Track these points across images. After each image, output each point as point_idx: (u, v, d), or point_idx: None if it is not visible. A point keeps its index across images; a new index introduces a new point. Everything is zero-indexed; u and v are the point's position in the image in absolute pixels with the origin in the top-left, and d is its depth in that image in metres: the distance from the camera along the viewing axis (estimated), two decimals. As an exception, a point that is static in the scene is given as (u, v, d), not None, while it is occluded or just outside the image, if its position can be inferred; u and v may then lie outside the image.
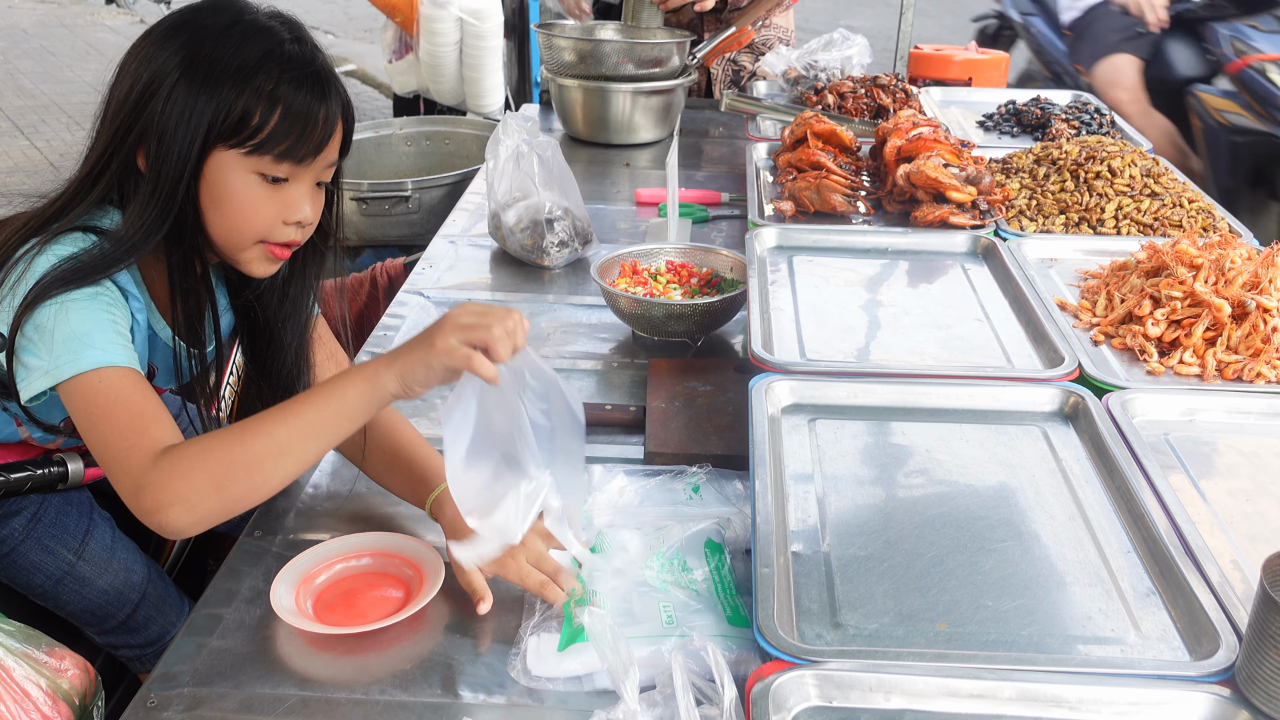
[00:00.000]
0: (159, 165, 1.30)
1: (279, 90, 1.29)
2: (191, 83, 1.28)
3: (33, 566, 1.66)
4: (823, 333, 1.63)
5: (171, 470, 1.20)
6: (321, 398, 1.24)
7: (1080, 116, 2.58)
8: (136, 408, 1.28)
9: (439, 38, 4.28)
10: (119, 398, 1.28)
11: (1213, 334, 1.56)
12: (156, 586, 1.75)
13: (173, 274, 1.38)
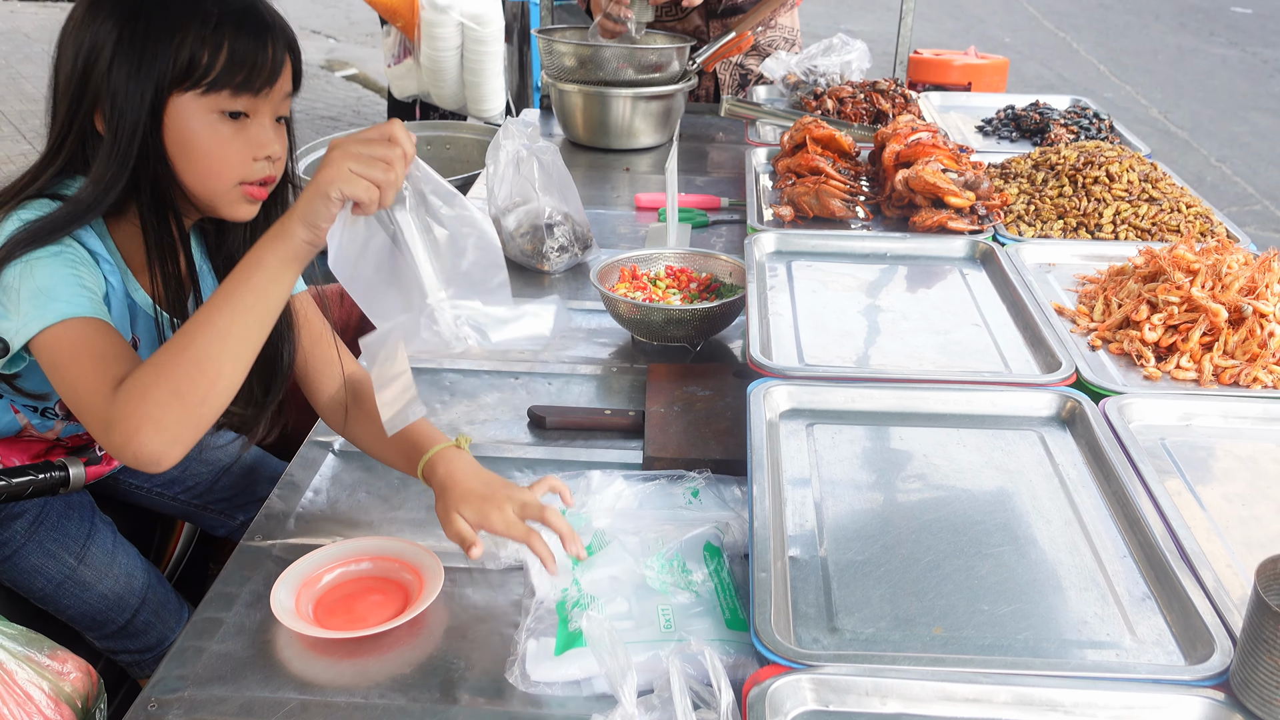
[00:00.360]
0: (115, 122, 1.34)
1: (221, 28, 1.31)
2: (133, 38, 1.32)
3: (34, 570, 1.67)
4: (821, 338, 1.64)
5: (130, 395, 1.21)
6: (242, 272, 1.22)
7: (1079, 121, 2.59)
8: (99, 350, 1.30)
9: (440, 42, 4.29)
10: (83, 343, 1.30)
11: (1209, 339, 1.57)
12: (156, 592, 1.76)
13: (148, 235, 1.41)
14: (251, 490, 2.02)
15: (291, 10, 6.40)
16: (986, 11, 10.31)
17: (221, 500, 2.02)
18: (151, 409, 1.20)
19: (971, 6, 10.50)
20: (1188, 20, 10.04)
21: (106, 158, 1.35)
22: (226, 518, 2.03)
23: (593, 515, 1.36)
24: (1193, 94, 7.96)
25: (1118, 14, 10.23)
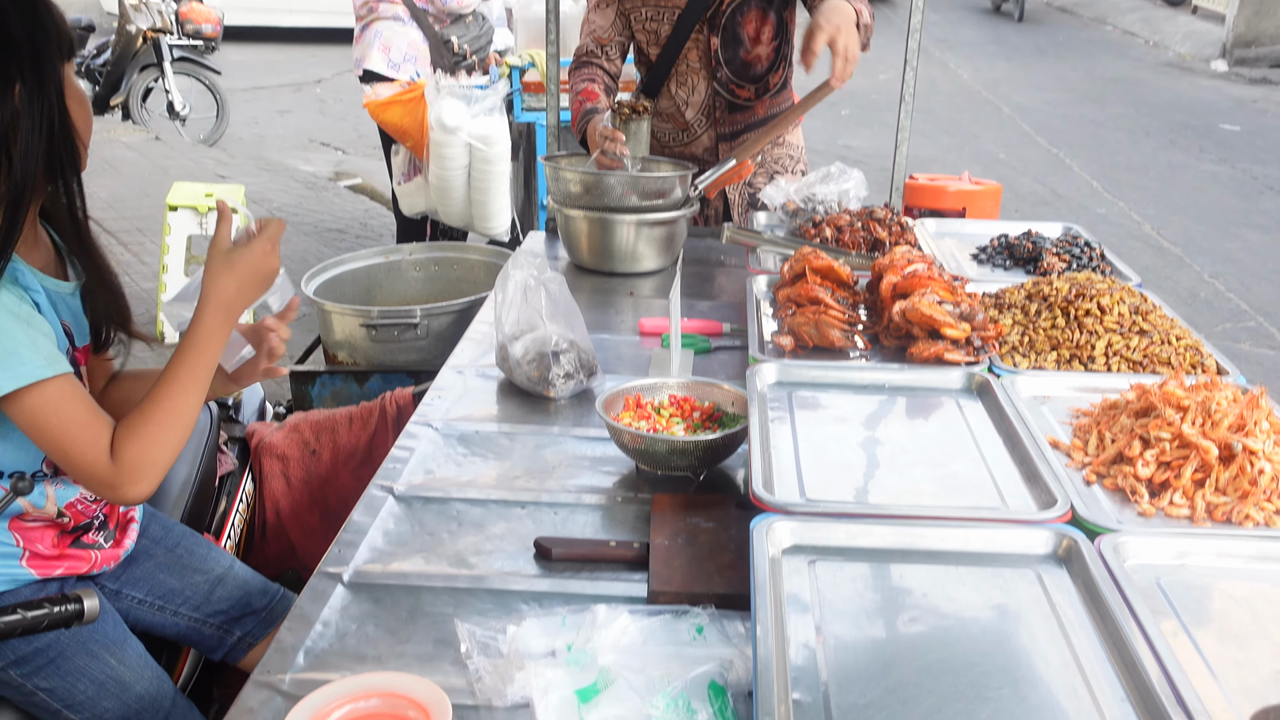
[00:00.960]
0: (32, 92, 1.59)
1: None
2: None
3: (79, 672, 1.75)
4: (822, 471, 1.67)
5: (133, 462, 1.63)
6: (203, 342, 1.72)
7: (1070, 250, 2.65)
8: (84, 419, 1.63)
9: (448, 162, 4.41)
10: (66, 414, 1.61)
11: (1201, 475, 1.60)
12: (180, 700, 1.82)
13: (71, 200, 1.72)
14: (247, 603, 2.07)
15: (300, 123, 6.60)
16: (981, 128, 10.54)
17: (219, 613, 2.06)
18: (148, 469, 1.65)
19: (966, 123, 10.73)
20: (1178, 137, 10.26)
21: (33, 127, 1.60)
22: (224, 633, 2.07)
23: (598, 652, 1.38)
24: (1185, 210, 8.10)
25: (1109, 131, 10.46)
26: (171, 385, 1.70)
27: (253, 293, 1.79)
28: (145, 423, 1.67)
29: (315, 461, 2.53)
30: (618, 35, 3.15)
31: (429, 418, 2.11)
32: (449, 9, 5.04)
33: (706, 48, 3.13)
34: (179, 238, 5.05)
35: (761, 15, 3.11)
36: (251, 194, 6.17)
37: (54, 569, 1.83)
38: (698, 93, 3.18)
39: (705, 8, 3.07)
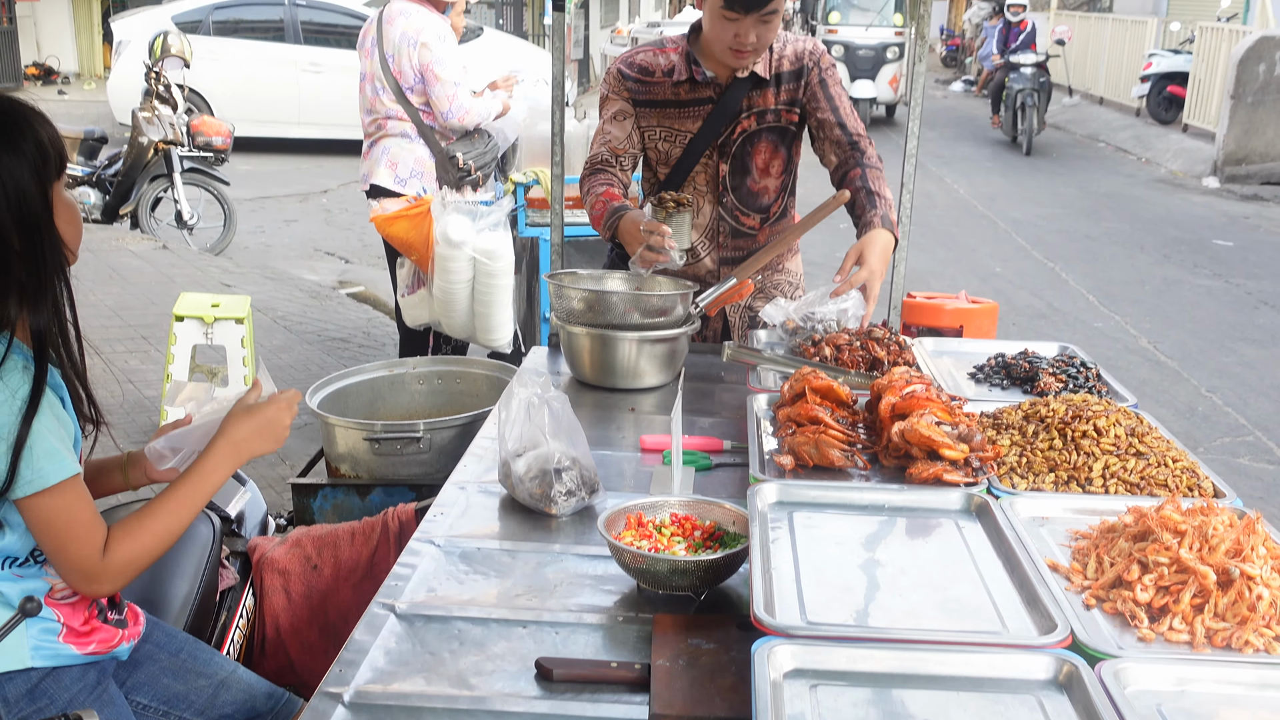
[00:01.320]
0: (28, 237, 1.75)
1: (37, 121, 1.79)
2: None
3: None
4: (823, 593, 1.69)
5: (120, 566, 1.81)
6: (209, 476, 1.93)
7: (1067, 370, 2.69)
8: (87, 518, 1.79)
9: (453, 275, 4.47)
10: (75, 511, 1.77)
11: (1200, 600, 1.61)
12: None
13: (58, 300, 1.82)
14: (252, 707, 2.10)
15: (305, 232, 6.69)
16: (978, 242, 10.69)
17: (224, 717, 2.07)
18: (130, 571, 1.83)
19: (963, 237, 10.88)
20: (1172, 252, 10.40)
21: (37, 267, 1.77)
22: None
23: (600, 777, 1.38)
24: (1180, 324, 8.19)
25: (1104, 245, 10.61)
26: (171, 503, 1.89)
27: (262, 442, 1.99)
28: (141, 531, 1.84)
29: (316, 577, 2.53)
30: (632, 148, 3.21)
31: (431, 534, 2.12)
32: (451, 126, 5.15)
33: (715, 173, 3.21)
34: (184, 347, 5.10)
35: (772, 148, 3.20)
36: (256, 303, 6.24)
37: (88, 644, 1.90)
38: (703, 215, 3.26)
39: (717, 134, 3.16)
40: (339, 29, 14.01)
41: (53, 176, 1.81)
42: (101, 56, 19.96)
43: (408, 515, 2.57)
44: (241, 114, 12.40)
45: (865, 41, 19.44)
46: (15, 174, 1.74)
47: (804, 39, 3.25)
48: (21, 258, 1.75)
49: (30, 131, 1.77)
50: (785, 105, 3.19)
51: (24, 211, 1.74)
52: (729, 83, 3.13)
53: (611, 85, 3.22)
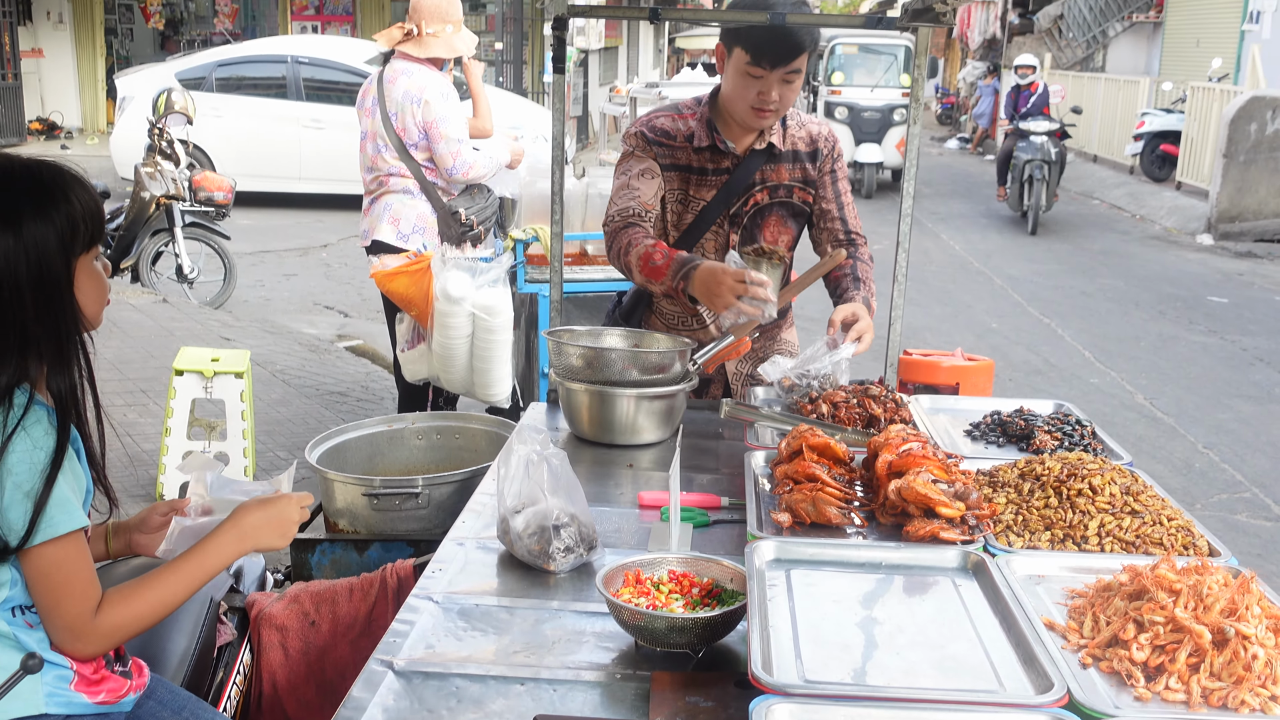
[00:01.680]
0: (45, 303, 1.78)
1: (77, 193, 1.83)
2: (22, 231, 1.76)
3: None
4: (821, 651, 1.69)
5: (110, 630, 1.83)
6: (212, 559, 1.96)
7: (1062, 428, 2.70)
8: (86, 575, 1.81)
9: (452, 331, 4.50)
10: (75, 565, 1.79)
11: (1196, 660, 1.62)
12: None
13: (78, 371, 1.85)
14: None
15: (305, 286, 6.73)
16: (974, 298, 10.75)
17: None
18: (118, 638, 1.86)
19: (959, 293, 10.94)
20: (1167, 309, 10.45)
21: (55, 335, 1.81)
22: None
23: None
24: (1176, 380, 8.21)
25: (1099, 301, 10.66)
26: (171, 577, 1.92)
27: (269, 535, 2.04)
28: (137, 599, 1.87)
29: (314, 633, 2.53)
30: (657, 208, 3.19)
31: (430, 591, 2.13)
32: (456, 181, 5.21)
33: (725, 242, 3.24)
34: (183, 401, 5.11)
35: (781, 222, 3.25)
36: (256, 357, 6.26)
37: (98, 693, 1.91)
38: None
39: (729, 204, 3.19)
40: (341, 86, 14.15)
41: (80, 250, 1.85)
42: (105, 112, 20.14)
43: (406, 571, 2.58)
44: (243, 169, 12.50)
45: (871, 103, 18.35)
46: (41, 241, 1.77)
47: (820, 122, 3.31)
48: (37, 321, 1.78)
49: (64, 202, 1.81)
50: (799, 183, 3.24)
51: (43, 279, 1.78)
52: (746, 153, 3.18)
53: (637, 144, 3.21)
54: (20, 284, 1.76)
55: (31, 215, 1.77)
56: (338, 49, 15.18)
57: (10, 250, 1.75)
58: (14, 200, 1.77)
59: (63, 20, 20.33)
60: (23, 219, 1.76)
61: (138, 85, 14.04)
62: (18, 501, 1.73)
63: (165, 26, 22.36)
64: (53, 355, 1.80)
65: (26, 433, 1.75)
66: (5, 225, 1.75)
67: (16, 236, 1.76)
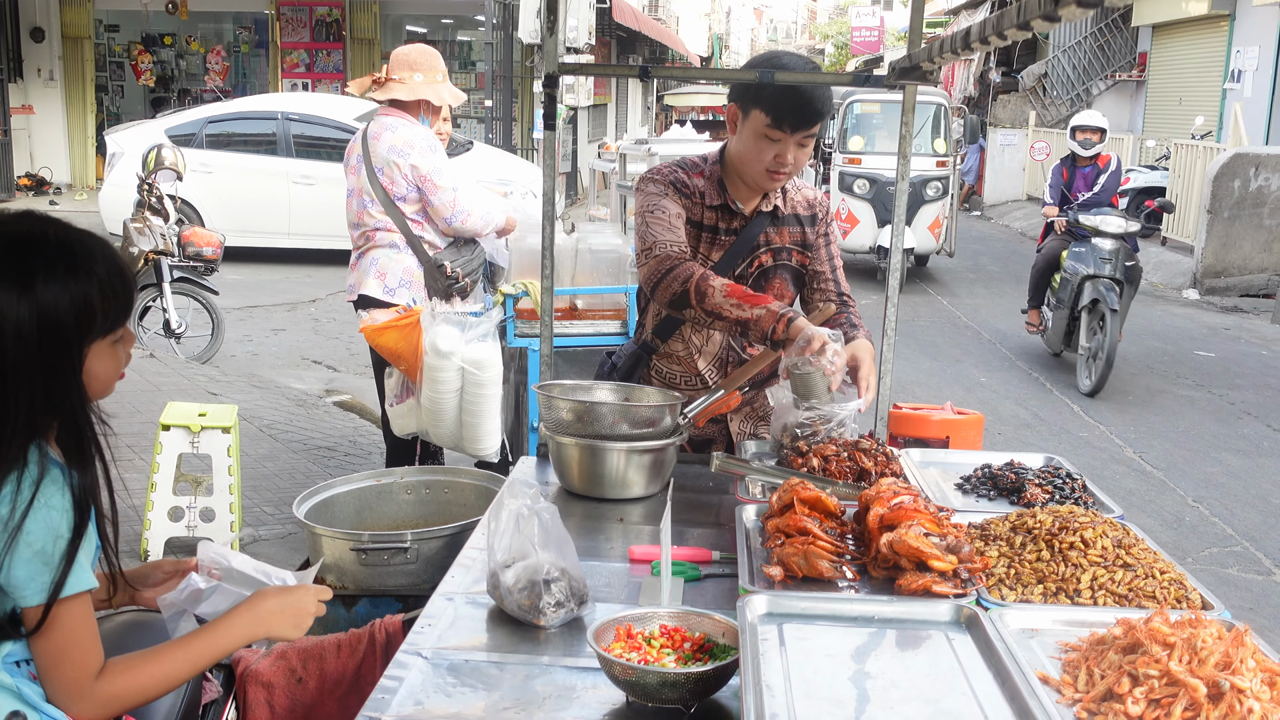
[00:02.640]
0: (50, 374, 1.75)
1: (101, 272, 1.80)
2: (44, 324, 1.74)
3: None
4: (814, 707, 1.68)
5: (109, 700, 1.80)
6: (223, 640, 1.97)
7: (1053, 481, 2.70)
8: (90, 638, 1.80)
9: (441, 386, 4.48)
10: (81, 627, 1.77)
11: (1191, 714, 1.61)
12: None
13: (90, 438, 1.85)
14: None
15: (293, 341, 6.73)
16: (962, 353, 10.78)
17: None
18: (115, 708, 1.82)
19: (948, 347, 10.98)
20: (1154, 363, 10.50)
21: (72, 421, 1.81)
22: None
23: None
24: (1165, 434, 8.23)
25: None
26: (178, 652, 1.92)
27: (284, 625, 2.06)
28: (140, 671, 1.85)
29: (301, 690, 2.50)
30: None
31: (419, 646, 2.11)
32: (455, 230, 5.21)
33: None
34: (170, 456, 5.09)
35: (784, 284, 3.28)
36: (243, 412, 6.24)
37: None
38: (712, 343, 3.29)
39: (735, 266, 3.21)
40: (331, 142, 14.24)
41: (96, 335, 1.82)
42: (94, 168, 20.23)
43: (395, 626, 2.55)
44: (232, 225, 12.54)
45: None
46: (53, 312, 1.75)
47: (810, 187, 3.35)
48: (43, 389, 1.76)
49: (85, 280, 1.79)
50: (798, 246, 3.28)
51: (50, 351, 1.76)
52: (753, 215, 3.20)
53: (664, 190, 3.14)
54: (29, 350, 1.73)
55: (47, 282, 1.74)
56: (328, 106, 15.30)
57: (21, 315, 1.72)
58: (34, 269, 1.74)
59: (53, 77, 20.48)
60: (36, 285, 1.74)
61: (127, 141, 14.11)
62: (26, 560, 1.72)
63: (156, 84, 22.52)
64: (64, 423, 1.80)
65: (44, 495, 1.74)
66: (19, 288, 1.73)
67: (30, 301, 1.73)
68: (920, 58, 3.07)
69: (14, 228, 1.79)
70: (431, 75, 5.26)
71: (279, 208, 14.20)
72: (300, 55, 21.54)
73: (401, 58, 5.26)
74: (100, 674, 1.80)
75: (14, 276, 1.73)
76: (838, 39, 61.91)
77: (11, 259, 1.74)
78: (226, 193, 13.93)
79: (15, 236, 1.77)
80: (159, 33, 22.41)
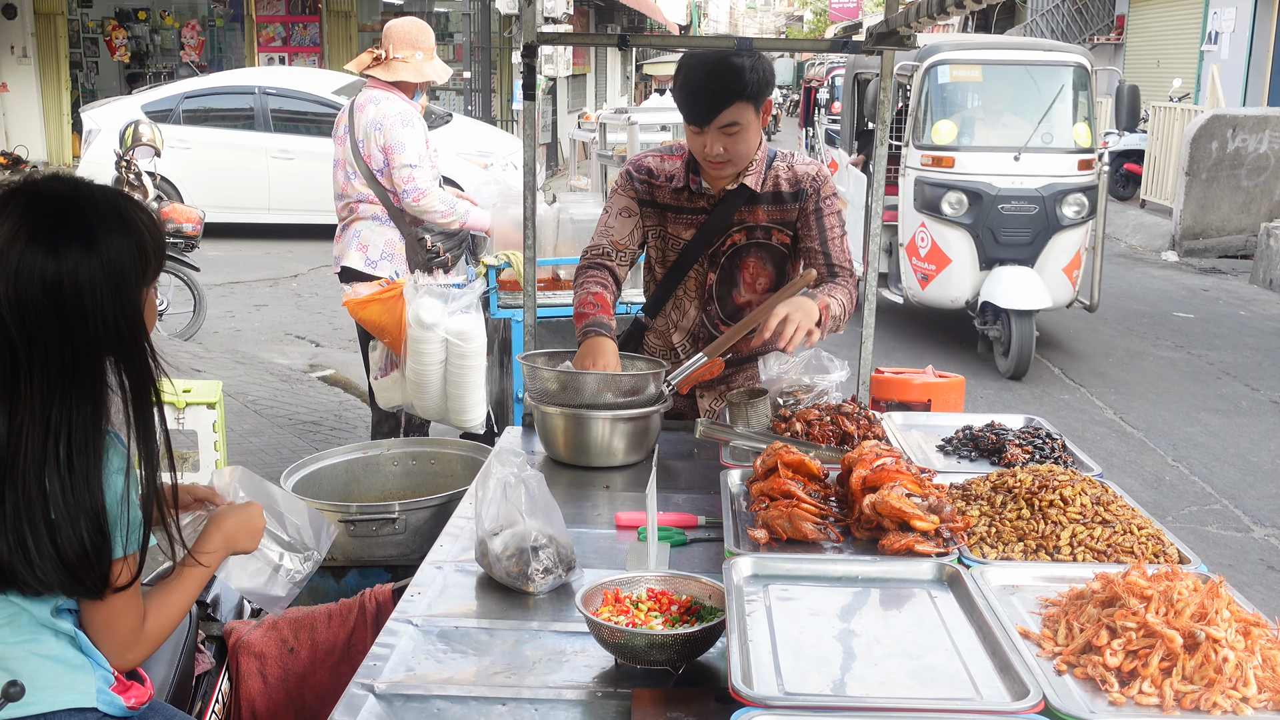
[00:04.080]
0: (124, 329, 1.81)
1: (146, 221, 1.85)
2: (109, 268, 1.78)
3: None
4: (800, 664, 1.71)
5: (153, 638, 1.93)
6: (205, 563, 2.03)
7: (1033, 441, 2.74)
8: (139, 594, 1.89)
9: (425, 358, 4.49)
10: (135, 590, 1.86)
11: (1168, 664, 1.65)
12: None
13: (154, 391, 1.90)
14: None
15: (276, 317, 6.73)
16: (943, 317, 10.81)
17: None
18: (156, 645, 1.95)
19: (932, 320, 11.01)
20: (1134, 325, 10.56)
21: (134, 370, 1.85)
22: None
23: None
24: (1145, 395, 8.30)
25: (1067, 319, 10.74)
26: (186, 582, 2.02)
27: (245, 539, 2.14)
28: (166, 606, 1.97)
29: (293, 659, 2.52)
30: (633, 245, 3.28)
31: (409, 614, 2.13)
32: (408, 206, 5.20)
33: (704, 281, 3.27)
34: (155, 433, 5.08)
35: (760, 264, 3.26)
36: (227, 388, 6.23)
37: (129, 699, 1.95)
38: (687, 318, 3.31)
39: (708, 245, 3.22)
40: (309, 116, 14.14)
41: (150, 279, 1.90)
42: (70, 145, 20.06)
43: (385, 596, 2.58)
44: (212, 201, 12.45)
45: (1014, 185, 8.68)
46: (120, 266, 1.81)
47: (811, 163, 3.29)
48: (118, 346, 1.82)
49: (137, 231, 1.85)
50: (777, 224, 3.23)
51: (122, 304, 1.81)
52: (722, 195, 3.20)
53: (621, 183, 3.32)
54: (105, 314, 1.78)
55: (114, 243, 1.79)
56: (305, 80, 15.17)
57: (93, 270, 1.77)
58: (94, 225, 1.79)
59: (27, 54, 20.24)
60: (101, 243, 1.78)
61: (104, 118, 13.98)
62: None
63: (131, 60, 22.30)
64: (135, 384, 1.84)
65: (109, 463, 1.81)
66: (88, 248, 1.77)
67: (98, 256, 1.77)
68: (898, 22, 3.08)
69: (58, 188, 1.82)
70: (429, 52, 5.26)
71: (258, 183, 14.11)
72: (276, 29, 21.35)
73: (401, 35, 5.20)
74: (144, 619, 1.91)
75: (80, 234, 1.77)
76: (816, 5, 61.71)
77: (71, 218, 1.78)
78: (205, 168, 13.82)
79: (63, 197, 1.81)
80: (133, 8, 22.18)
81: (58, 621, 1.86)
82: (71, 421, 1.75)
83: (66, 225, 1.77)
